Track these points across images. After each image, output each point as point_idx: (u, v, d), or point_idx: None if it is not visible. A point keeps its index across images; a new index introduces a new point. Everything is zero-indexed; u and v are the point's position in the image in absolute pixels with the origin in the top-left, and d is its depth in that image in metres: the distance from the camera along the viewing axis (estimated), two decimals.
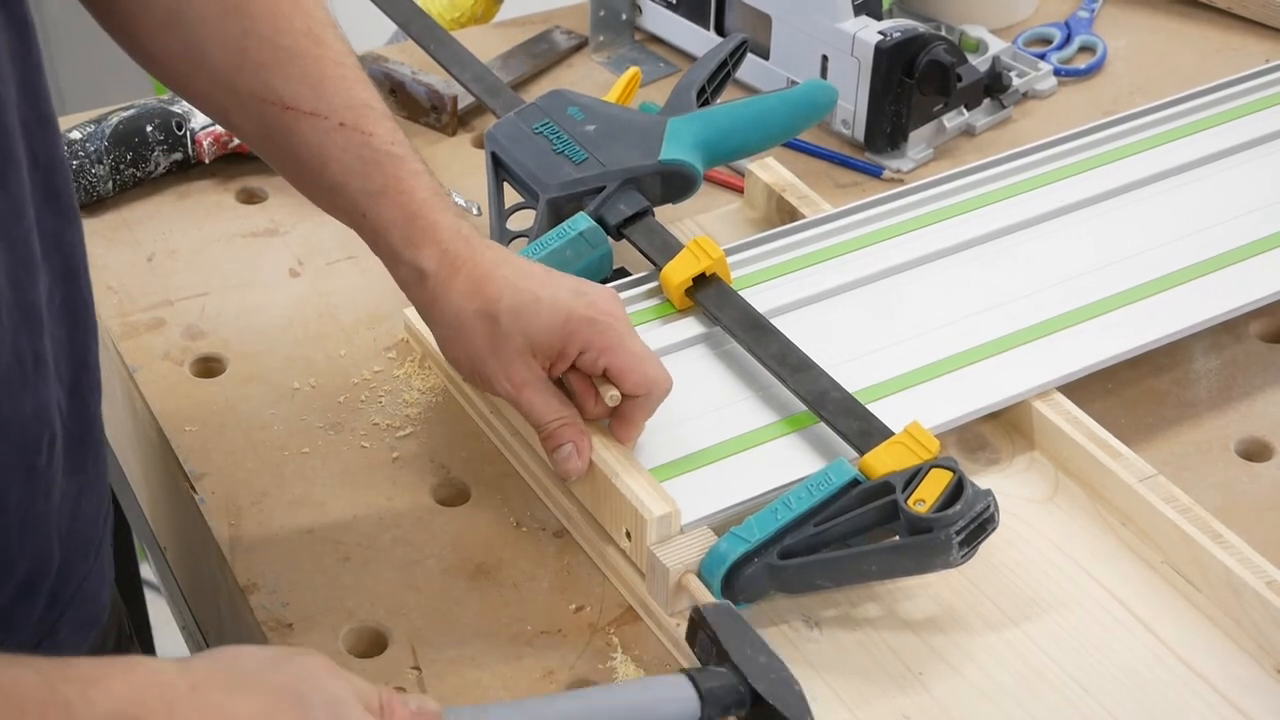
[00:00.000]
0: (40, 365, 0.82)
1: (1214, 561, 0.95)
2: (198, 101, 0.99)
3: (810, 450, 1.02)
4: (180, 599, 1.19)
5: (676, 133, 1.18)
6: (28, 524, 0.84)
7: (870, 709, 0.90)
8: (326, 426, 1.09)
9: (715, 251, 1.10)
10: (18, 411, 0.81)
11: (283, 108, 0.94)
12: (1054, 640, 0.94)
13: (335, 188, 0.96)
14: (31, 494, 0.83)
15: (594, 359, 0.96)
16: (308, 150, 0.95)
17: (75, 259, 0.87)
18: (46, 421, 0.83)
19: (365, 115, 0.95)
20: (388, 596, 0.97)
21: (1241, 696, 0.91)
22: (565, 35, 1.51)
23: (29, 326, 0.81)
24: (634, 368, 0.96)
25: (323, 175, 0.96)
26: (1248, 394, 1.13)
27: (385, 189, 0.95)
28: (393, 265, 0.98)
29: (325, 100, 0.95)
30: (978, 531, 0.92)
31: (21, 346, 0.81)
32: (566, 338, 0.95)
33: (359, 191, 0.95)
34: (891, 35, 1.32)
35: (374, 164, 0.95)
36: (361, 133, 0.95)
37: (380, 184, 0.95)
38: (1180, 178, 1.25)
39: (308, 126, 0.94)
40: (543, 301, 0.94)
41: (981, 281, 1.15)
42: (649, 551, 0.94)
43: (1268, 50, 1.51)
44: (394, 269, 0.98)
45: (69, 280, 0.86)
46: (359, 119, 0.95)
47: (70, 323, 0.86)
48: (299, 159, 0.96)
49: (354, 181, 0.95)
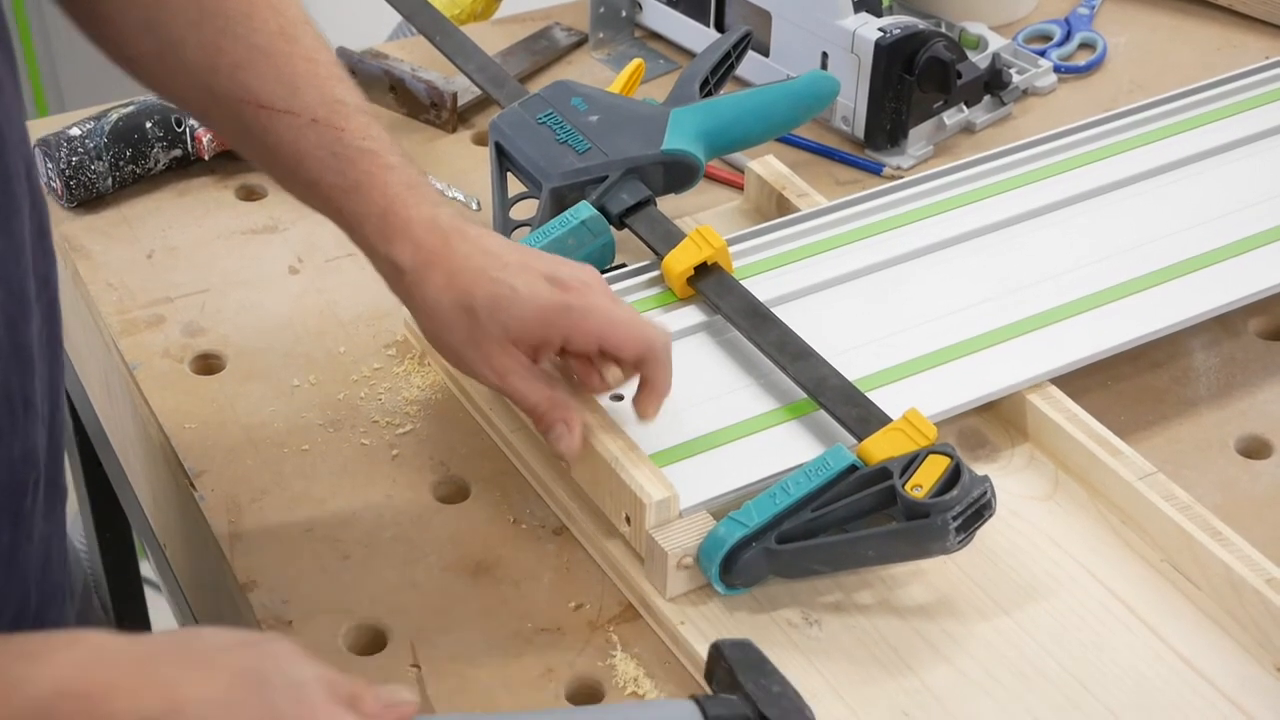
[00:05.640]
0: (29, 408, 0.82)
1: (1214, 559, 0.95)
2: (178, 101, 1.00)
3: (809, 436, 1.02)
4: (180, 596, 1.19)
5: (679, 123, 1.18)
6: (14, 567, 0.84)
7: (868, 703, 0.90)
8: (326, 424, 1.09)
9: (717, 241, 1.11)
10: (8, 454, 0.81)
11: (257, 106, 0.94)
12: (1053, 637, 0.94)
13: (311, 184, 0.96)
14: (17, 537, 0.83)
15: (584, 344, 0.96)
16: (282, 148, 0.95)
17: (56, 298, 0.87)
18: (33, 463, 0.83)
19: (337, 111, 0.95)
20: (387, 594, 0.97)
21: (1241, 694, 0.91)
22: (565, 32, 1.51)
23: (21, 369, 0.81)
24: (626, 335, 0.96)
25: (298, 172, 0.96)
26: (1247, 391, 1.13)
27: (358, 184, 0.95)
28: (371, 259, 0.98)
29: (298, 98, 0.95)
30: (974, 517, 0.92)
31: (13, 388, 0.81)
32: (545, 328, 0.95)
33: (332, 187, 0.95)
34: (891, 32, 1.32)
35: (346, 160, 0.95)
36: (334, 129, 0.95)
37: (353, 179, 0.95)
38: (1178, 172, 1.25)
39: (281, 124, 0.94)
40: (519, 293, 0.94)
41: (980, 273, 1.15)
42: (648, 536, 0.94)
43: (1267, 47, 1.51)
44: (373, 262, 0.98)
45: (52, 320, 0.87)
46: (331, 115, 0.95)
47: (51, 360, 0.87)
48: (276, 157, 0.96)
49: (327, 178, 0.95)
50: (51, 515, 0.89)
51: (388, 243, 0.95)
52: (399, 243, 0.95)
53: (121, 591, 1.60)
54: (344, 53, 1.42)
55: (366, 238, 0.96)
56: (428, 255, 0.95)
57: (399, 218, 0.95)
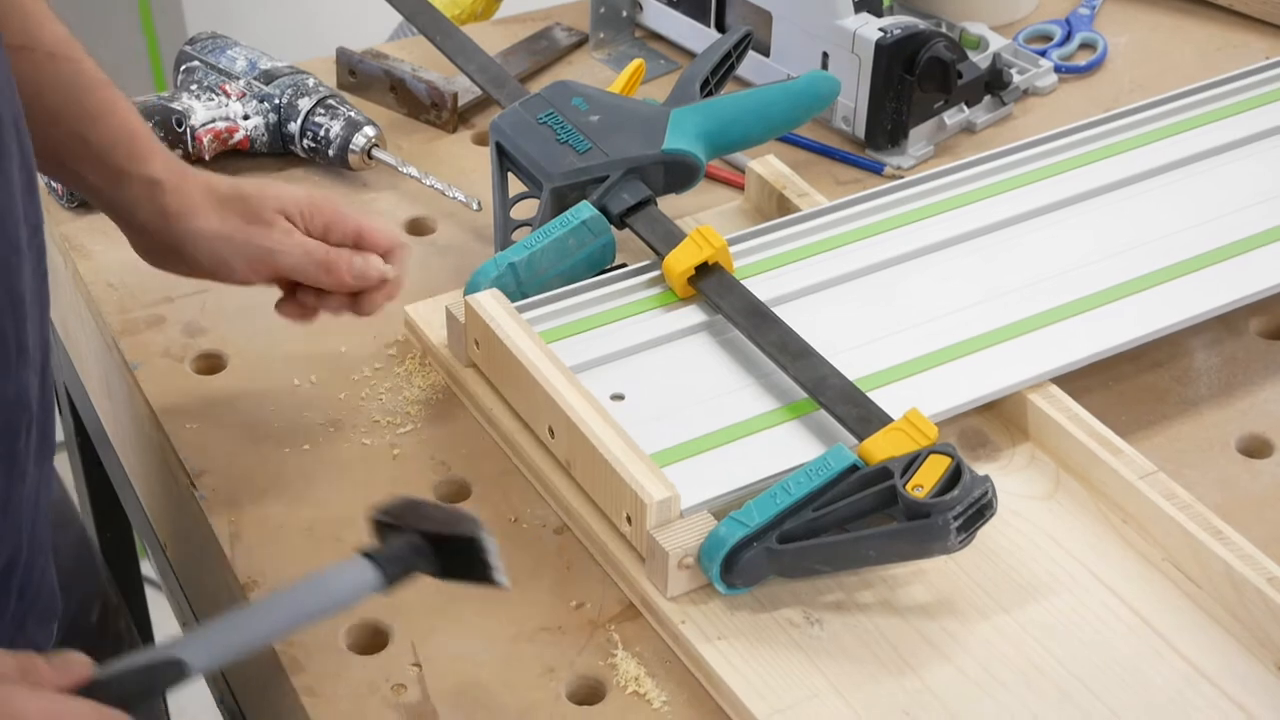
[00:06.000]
0: (23, 352, 0.84)
1: (1215, 558, 0.95)
2: None
3: (810, 436, 1.02)
4: (181, 596, 1.19)
5: (679, 123, 1.19)
6: (8, 511, 0.86)
7: (869, 702, 0.90)
8: (327, 423, 1.09)
9: (718, 240, 1.11)
10: (2, 396, 0.83)
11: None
12: (1055, 636, 0.94)
13: (53, 116, 0.98)
14: (11, 479, 0.85)
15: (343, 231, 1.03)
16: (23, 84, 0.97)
17: (44, 245, 0.90)
18: (26, 406, 0.85)
19: (73, 47, 0.99)
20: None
21: (1242, 693, 0.91)
22: (566, 32, 1.51)
23: (14, 313, 0.83)
24: (380, 226, 1.04)
25: (40, 105, 0.97)
26: (1248, 391, 1.13)
27: (102, 112, 0.99)
28: (121, 185, 1.00)
29: (31, 35, 0.97)
30: (975, 517, 0.92)
31: (7, 333, 0.83)
32: (311, 209, 1.02)
33: (77, 116, 0.98)
34: (892, 32, 1.32)
35: (87, 90, 0.99)
36: (71, 61, 0.99)
37: (96, 107, 0.98)
38: (1179, 172, 1.25)
39: (20, 60, 0.96)
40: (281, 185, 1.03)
41: (981, 273, 1.15)
42: (649, 535, 0.94)
43: (1268, 47, 1.51)
44: (122, 190, 1.00)
45: (41, 269, 0.89)
46: (68, 50, 0.99)
47: (42, 307, 0.89)
48: None
49: (70, 107, 0.98)
50: (41, 464, 0.90)
51: (141, 161, 0.99)
52: (152, 160, 1.00)
53: (121, 592, 1.60)
54: (344, 53, 1.42)
55: (116, 162, 0.99)
56: (180, 167, 1.01)
57: (146, 141, 1.00)
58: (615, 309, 1.11)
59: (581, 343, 1.09)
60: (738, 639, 0.93)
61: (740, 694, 0.89)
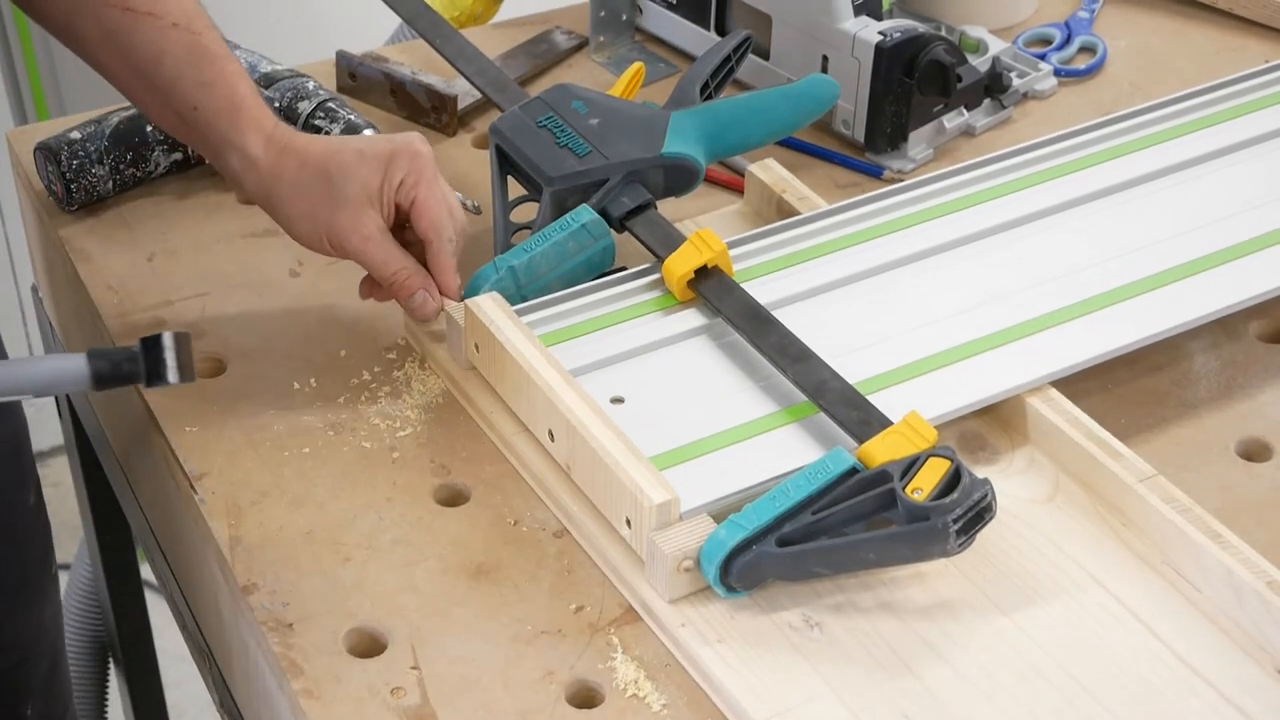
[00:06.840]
0: None
1: (1214, 562, 0.95)
2: (39, 17, 1.09)
3: (809, 439, 1.02)
4: (180, 599, 1.19)
5: (679, 126, 1.19)
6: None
7: (868, 705, 0.90)
8: (327, 426, 1.09)
9: (717, 244, 1.11)
10: None
11: (122, 9, 1.05)
12: (1054, 639, 0.94)
13: (169, 83, 1.07)
14: None
15: (409, 189, 1.08)
16: (145, 48, 1.06)
17: None
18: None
19: (197, 19, 1.08)
20: (388, 597, 0.97)
21: (1241, 697, 0.91)
22: (565, 35, 1.51)
23: None
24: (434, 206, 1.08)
25: (158, 72, 1.06)
26: (1248, 394, 1.13)
27: (214, 81, 1.07)
28: (224, 154, 1.08)
29: (160, 3, 1.06)
30: (975, 520, 0.92)
31: None
32: (390, 163, 1.07)
33: (192, 84, 1.06)
34: (892, 35, 1.32)
35: (205, 59, 1.07)
36: (192, 33, 1.07)
37: (210, 76, 1.07)
38: (1178, 176, 1.25)
39: (145, 25, 1.05)
40: (365, 151, 1.08)
41: (980, 276, 1.15)
42: (648, 538, 0.94)
43: (1268, 51, 1.52)
44: (225, 159, 1.08)
45: None
46: (190, 21, 1.07)
47: None
48: (136, 58, 1.07)
49: (187, 74, 1.06)
50: None
51: (242, 134, 1.07)
52: (252, 134, 1.07)
53: (121, 594, 1.60)
54: (344, 56, 1.42)
55: (221, 132, 1.07)
56: (278, 142, 1.08)
57: (251, 114, 1.07)
58: (615, 312, 1.12)
59: (581, 346, 1.09)
60: (737, 642, 0.93)
61: (740, 697, 0.89)
